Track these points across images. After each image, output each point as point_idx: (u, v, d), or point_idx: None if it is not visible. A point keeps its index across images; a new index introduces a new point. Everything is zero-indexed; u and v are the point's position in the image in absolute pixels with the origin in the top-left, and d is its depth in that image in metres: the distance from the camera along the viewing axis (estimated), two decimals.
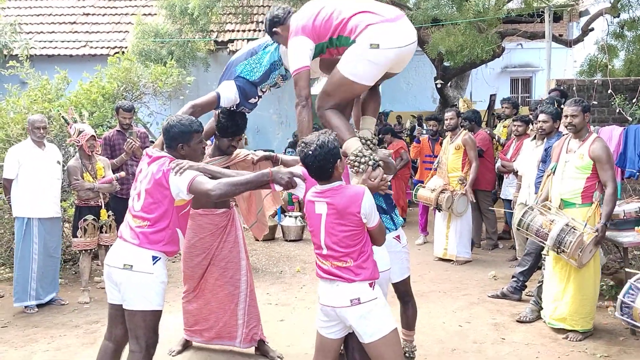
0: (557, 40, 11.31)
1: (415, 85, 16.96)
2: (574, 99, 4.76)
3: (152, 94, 8.05)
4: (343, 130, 3.30)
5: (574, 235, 4.29)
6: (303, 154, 2.92)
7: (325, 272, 2.95)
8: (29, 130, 5.61)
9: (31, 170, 5.51)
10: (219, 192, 3.00)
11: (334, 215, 2.91)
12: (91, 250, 5.81)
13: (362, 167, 3.23)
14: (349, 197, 2.90)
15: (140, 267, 3.06)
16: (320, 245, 2.96)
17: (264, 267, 7.09)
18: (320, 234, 2.95)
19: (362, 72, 3.22)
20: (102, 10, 14.39)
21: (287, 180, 3.08)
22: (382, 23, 3.19)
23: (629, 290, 3.58)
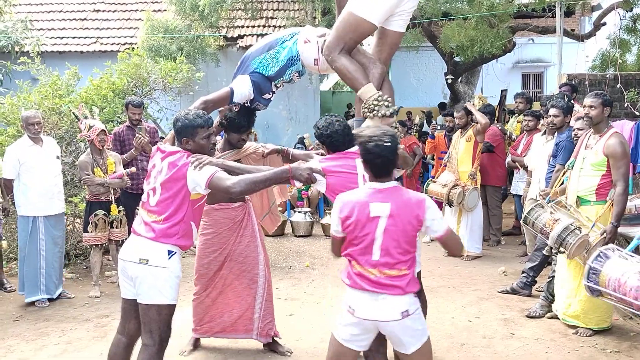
0: (569, 35, 11.22)
1: (425, 81, 16.90)
2: (596, 91, 4.63)
3: (161, 89, 8.08)
4: (358, 75, 3.26)
5: (575, 236, 4.24)
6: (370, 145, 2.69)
7: (371, 282, 2.68)
8: (24, 127, 5.56)
9: (32, 169, 5.47)
10: (239, 188, 3.00)
11: (396, 218, 2.67)
12: (102, 245, 5.84)
13: (382, 111, 3.19)
14: (412, 200, 2.72)
15: (156, 262, 3.07)
16: (371, 252, 2.69)
17: (273, 262, 7.10)
18: (376, 238, 2.68)
19: (370, 5, 3.18)
20: (112, 6, 14.45)
21: (306, 177, 3.08)
22: None
23: (597, 258, 3.59)
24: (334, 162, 3.27)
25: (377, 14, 3.21)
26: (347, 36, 3.26)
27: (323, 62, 3.68)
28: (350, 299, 2.76)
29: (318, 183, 3.18)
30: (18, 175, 5.51)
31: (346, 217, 2.73)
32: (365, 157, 2.75)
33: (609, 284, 3.46)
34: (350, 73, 3.26)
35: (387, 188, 2.74)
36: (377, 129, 2.77)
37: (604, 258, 3.53)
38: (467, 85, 13.07)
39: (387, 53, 3.50)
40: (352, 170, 3.23)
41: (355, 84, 3.27)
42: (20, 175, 5.50)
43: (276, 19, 13.20)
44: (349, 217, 2.72)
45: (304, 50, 3.71)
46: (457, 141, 7.11)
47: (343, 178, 3.21)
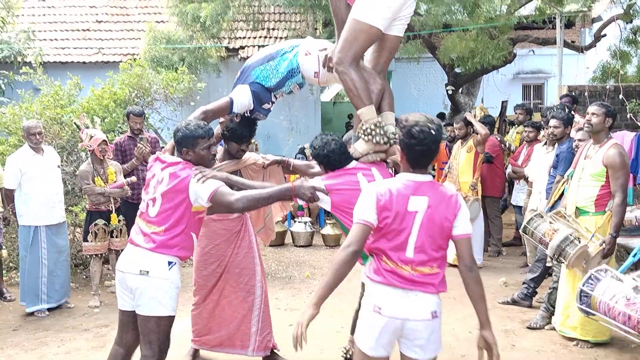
0: (569, 46, 11.26)
1: (426, 92, 16.93)
2: (601, 102, 4.66)
3: (163, 100, 8.11)
4: (363, 94, 3.29)
5: (574, 247, 4.23)
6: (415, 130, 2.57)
7: (404, 279, 2.56)
8: (25, 136, 5.59)
9: (33, 179, 5.49)
10: (242, 205, 2.99)
11: (433, 213, 2.57)
12: (102, 254, 5.83)
13: (376, 138, 3.23)
14: (447, 194, 2.63)
15: (156, 273, 3.06)
16: (405, 247, 2.58)
17: (273, 272, 7.09)
18: (412, 233, 2.57)
19: (373, 11, 3.24)
20: (115, 17, 14.52)
21: (309, 196, 3.08)
22: None
23: (588, 280, 3.58)
24: (336, 180, 3.26)
25: (382, 19, 3.27)
26: (356, 44, 3.29)
27: (323, 75, 3.70)
28: (378, 297, 2.60)
29: (322, 201, 3.17)
30: (19, 185, 5.51)
31: (385, 206, 2.57)
32: (406, 143, 2.60)
33: (599, 307, 3.45)
34: (357, 90, 3.28)
35: (425, 182, 2.62)
36: (423, 115, 2.66)
37: (595, 281, 3.51)
38: (467, 96, 13.10)
39: (387, 57, 3.56)
40: (355, 187, 3.22)
41: (358, 102, 3.30)
42: (21, 184, 5.50)
43: (277, 30, 13.25)
44: (388, 208, 2.57)
45: (305, 63, 3.72)
46: (458, 152, 7.11)
47: (347, 195, 3.19)
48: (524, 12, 11.76)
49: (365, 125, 3.30)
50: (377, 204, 2.59)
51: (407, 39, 11.14)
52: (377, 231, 2.62)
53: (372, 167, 3.36)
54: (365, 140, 3.30)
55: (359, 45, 3.31)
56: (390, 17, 3.32)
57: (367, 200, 2.64)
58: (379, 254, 2.63)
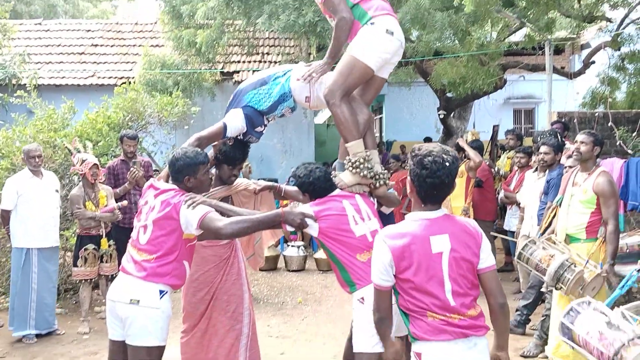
0: (559, 72, 11.42)
1: (418, 116, 17.06)
2: (589, 130, 4.75)
3: (157, 123, 8.13)
4: (353, 127, 3.36)
5: (572, 273, 4.24)
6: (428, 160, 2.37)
7: (459, 327, 2.34)
8: (25, 159, 5.64)
9: (30, 201, 5.51)
10: (230, 230, 2.99)
11: (459, 249, 2.36)
12: (91, 280, 5.79)
13: (364, 172, 3.29)
14: (468, 227, 2.44)
15: (147, 302, 3.03)
16: (443, 296, 2.34)
17: (265, 297, 7.05)
18: (445, 279, 2.34)
19: (372, 53, 3.35)
20: (110, 41, 14.64)
21: (299, 222, 3.09)
22: (394, 17, 3.44)
23: (569, 312, 3.59)
24: (323, 206, 3.27)
25: (377, 62, 3.39)
26: (350, 79, 3.38)
27: (314, 99, 3.74)
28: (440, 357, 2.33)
29: (310, 228, 3.18)
30: (16, 207, 5.53)
31: (402, 256, 2.35)
32: (417, 174, 2.38)
33: (579, 340, 3.45)
34: (348, 123, 3.36)
35: (439, 217, 2.40)
36: (438, 145, 2.47)
37: (575, 313, 3.52)
38: (459, 120, 13.22)
39: (372, 95, 3.66)
40: (342, 212, 3.25)
41: (348, 135, 3.38)
42: (17, 206, 5.54)
43: (272, 55, 13.39)
44: (406, 258, 2.34)
45: (296, 88, 3.76)
46: None
47: (334, 220, 3.22)
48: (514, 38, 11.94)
49: (353, 158, 3.36)
50: (392, 259, 2.37)
51: (399, 64, 11.26)
52: (404, 282, 2.39)
53: (355, 195, 3.40)
54: (352, 172, 3.36)
55: (352, 82, 3.40)
56: (384, 62, 3.44)
57: (378, 258, 2.42)
58: (420, 310, 2.38)
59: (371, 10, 3.39)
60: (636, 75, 10.37)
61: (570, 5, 9.34)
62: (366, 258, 3.18)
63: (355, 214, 3.27)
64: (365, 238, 3.22)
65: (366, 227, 3.26)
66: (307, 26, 8.67)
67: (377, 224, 3.33)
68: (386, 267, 2.38)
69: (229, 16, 10.46)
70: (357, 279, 3.19)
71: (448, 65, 9.83)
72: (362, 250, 3.20)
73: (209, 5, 9.75)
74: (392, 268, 2.38)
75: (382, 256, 2.39)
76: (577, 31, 10.87)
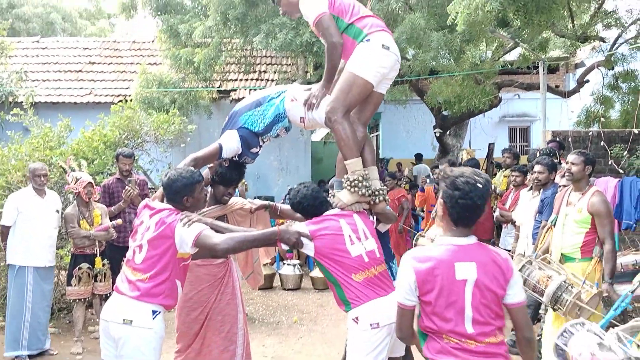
0: (553, 91, 11.52)
1: (414, 133, 17.14)
2: (580, 150, 4.77)
3: (153, 141, 8.14)
4: (354, 145, 3.40)
5: (571, 294, 4.23)
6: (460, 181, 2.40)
7: (472, 352, 2.35)
8: (30, 177, 5.66)
9: (29, 219, 5.52)
10: (225, 246, 3.00)
11: (484, 280, 2.36)
12: (85, 299, 5.75)
13: (362, 190, 3.31)
14: (498, 258, 2.42)
15: (140, 322, 3.03)
16: (462, 322, 2.36)
17: (261, 317, 7.01)
18: (466, 307, 2.35)
19: (370, 68, 3.40)
20: (108, 59, 14.72)
21: (294, 241, 3.10)
22: (389, 32, 3.53)
23: (562, 333, 3.58)
24: (319, 225, 3.28)
25: (376, 76, 3.45)
26: (350, 96, 3.42)
27: (309, 119, 3.77)
28: None
29: (306, 247, 3.19)
30: (15, 224, 5.53)
31: (426, 280, 2.37)
32: (450, 195, 2.40)
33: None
34: (349, 141, 3.39)
35: (470, 244, 2.42)
36: (469, 168, 2.50)
37: (569, 334, 3.51)
38: (455, 138, 13.30)
39: (370, 112, 3.70)
40: (338, 232, 3.26)
41: (348, 153, 3.40)
42: (17, 223, 5.54)
43: (268, 73, 13.47)
44: (429, 281, 2.37)
45: (291, 108, 3.79)
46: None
47: (330, 240, 3.22)
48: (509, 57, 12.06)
49: (352, 177, 3.37)
50: (416, 281, 2.40)
51: (395, 83, 11.36)
52: (426, 305, 2.41)
53: (353, 213, 3.39)
54: (350, 191, 3.37)
55: (353, 98, 3.44)
56: (382, 77, 3.49)
57: (404, 279, 2.44)
58: (438, 332, 2.41)
59: (366, 28, 3.46)
60: (630, 94, 10.47)
61: (564, 26, 9.45)
62: (361, 278, 3.19)
63: (352, 233, 3.26)
64: (361, 258, 3.23)
65: (362, 247, 3.26)
66: (303, 46, 8.75)
67: (374, 244, 3.33)
68: (410, 287, 2.42)
69: (227, 35, 10.55)
70: (352, 298, 3.19)
71: (443, 84, 9.92)
72: (357, 270, 3.20)
73: (206, 24, 9.83)
74: (416, 290, 2.41)
75: (407, 277, 2.42)
76: (571, 50, 11.00)
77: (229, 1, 9.23)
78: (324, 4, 3.49)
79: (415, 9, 8.41)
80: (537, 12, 6.59)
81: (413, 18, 8.20)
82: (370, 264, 3.24)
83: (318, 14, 3.47)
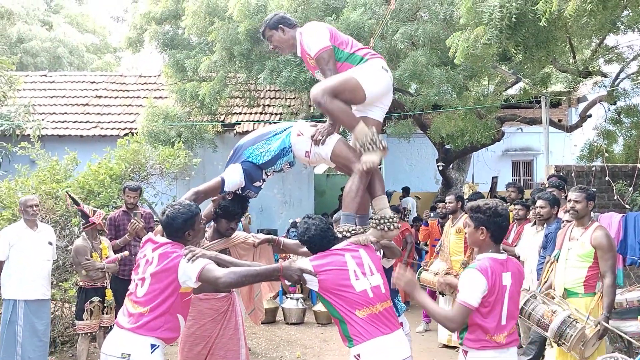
0: (556, 125, 11.60)
1: (418, 167, 17.20)
2: (580, 186, 4.81)
3: (158, 174, 8.21)
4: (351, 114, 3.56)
5: (575, 329, 4.21)
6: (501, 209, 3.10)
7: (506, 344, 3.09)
8: (21, 210, 5.64)
9: (21, 252, 5.50)
10: (228, 280, 3.02)
11: (515, 285, 3.11)
12: (92, 333, 5.72)
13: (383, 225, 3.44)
14: (519, 268, 3.23)
15: (138, 356, 3.03)
16: (500, 318, 3.06)
17: (263, 351, 6.95)
18: (504, 305, 3.06)
19: (367, 78, 3.53)
20: (114, 92, 14.92)
21: (296, 278, 3.12)
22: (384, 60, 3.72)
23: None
24: (323, 260, 3.27)
25: (371, 89, 3.56)
26: (341, 87, 3.51)
27: (313, 155, 3.81)
28: None
29: (310, 282, 3.18)
30: (8, 258, 5.52)
31: (491, 288, 3.01)
32: (495, 221, 3.09)
33: None
34: (347, 112, 3.53)
35: (505, 258, 3.13)
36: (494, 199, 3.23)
37: None
38: (458, 172, 13.33)
39: None
40: (343, 267, 3.24)
41: (352, 122, 3.53)
42: (9, 257, 5.52)
43: (272, 107, 13.63)
44: (492, 289, 3.02)
45: (297, 143, 3.83)
46: (448, 230, 7.15)
47: (334, 275, 3.21)
48: (511, 91, 12.19)
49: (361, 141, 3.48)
50: (487, 288, 3.00)
51: (399, 117, 11.47)
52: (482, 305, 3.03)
53: (359, 248, 3.38)
54: (377, 229, 3.48)
55: (342, 90, 3.51)
56: (375, 97, 3.63)
57: (477, 283, 3.02)
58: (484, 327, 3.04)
59: (367, 55, 3.64)
60: (632, 128, 10.53)
61: (566, 61, 9.58)
62: (365, 314, 3.17)
63: (357, 268, 3.25)
64: (366, 293, 3.21)
65: (367, 282, 3.24)
66: (307, 82, 8.88)
67: (380, 279, 3.30)
68: (482, 292, 3.01)
69: (231, 70, 10.72)
70: (355, 335, 3.17)
71: (446, 119, 10.00)
72: (361, 306, 3.18)
73: (212, 59, 10.00)
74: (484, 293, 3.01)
75: (480, 284, 3.02)
76: (573, 85, 11.11)
77: (234, 37, 9.40)
78: (326, 38, 3.60)
79: (418, 45, 8.54)
80: (537, 47, 6.67)
81: (415, 55, 8.33)
82: (375, 300, 3.22)
83: (321, 48, 3.57)
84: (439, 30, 8.09)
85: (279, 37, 3.80)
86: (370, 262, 3.34)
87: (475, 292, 3.00)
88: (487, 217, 3.10)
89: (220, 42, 9.68)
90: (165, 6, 11.34)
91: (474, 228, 3.16)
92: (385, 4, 8.48)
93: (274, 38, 3.82)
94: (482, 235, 3.14)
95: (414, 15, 8.69)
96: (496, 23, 5.51)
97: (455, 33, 6.30)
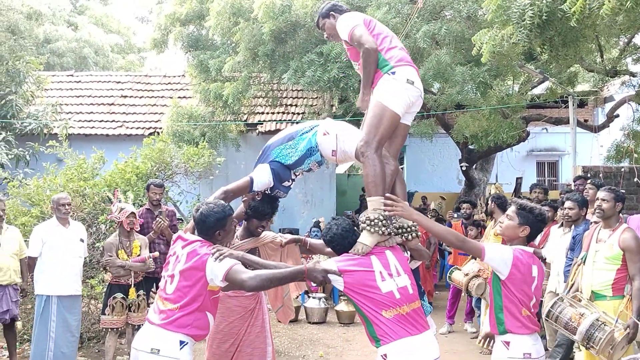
0: (583, 125, 11.43)
1: (440, 167, 17.10)
2: (610, 186, 4.74)
3: (183, 173, 8.29)
4: (380, 183, 3.37)
5: (604, 332, 4.14)
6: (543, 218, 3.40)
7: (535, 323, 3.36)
8: (54, 208, 5.76)
9: (54, 249, 5.61)
10: (254, 283, 3.04)
11: (540, 277, 3.40)
12: (118, 329, 5.80)
13: (382, 230, 3.26)
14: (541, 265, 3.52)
15: (167, 352, 3.06)
16: (529, 302, 3.34)
17: (286, 350, 6.97)
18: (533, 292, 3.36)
19: (396, 100, 3.45)
20: (140, 92, 15.09)
21: (321, 279, 3.12)
22: (414, 67, 3.59)
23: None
24: (349, 262, 3.25)
25: (402, 107, 3.49)
26: (381, 128, 3.43)
27: (340, 153, 3.80)
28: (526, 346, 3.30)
29: (335, 282, 3.18)
30: (40, 254, 5.64)
31: (517, 265, 3.28)
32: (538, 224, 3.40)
33: None
34: (377, 178, 3.35)
35: (532, 252, 3.43)
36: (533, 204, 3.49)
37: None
38: (481, 172, 13.21)
39: (399, 144, 3.72)
40: (369, 268, 3.22)
41: (373, 190, 3.35)
42: (42, 254, 5.64)
43: (295, 107, 13.66)
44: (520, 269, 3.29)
45: (323, 142, 3.82)
46: (488, 232, 7.02)
47: (359, 276, 3.19)
48: (536, 91, 12.03)
49: (372, 215, 3.28)
50: (512, 260, 3.25)
51: (421, 117, 11.40)
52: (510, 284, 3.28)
53: (385, 250, 3.35)
54: (370, 231, 3.27)
55: (385, 131, 3.44)
56: (407, 107, 3.53)
57: (504, 250, 3.34)
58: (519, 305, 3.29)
59: (392, 60, 3.50)
60: None
61: (593, 60, 9.42)
62: (392, 315, 3.16)
63: (383, 269, 3.23)
64: (392, 294, 3.19)
65: (394, 283, 3.21)
66: (331, 82, 8.88)
67: (407, 280, 3.28)
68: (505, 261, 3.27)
69: (255, 70, 10.77)
70: (382, 335, 3.16)
71: (470, 118, 9.90)
72: (388, 307, 3.17)
73: (236, 60, 10.06)
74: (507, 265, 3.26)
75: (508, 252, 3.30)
76: (601, 85, 10.94)
77: (258, 38, 9.44)
78: (359, 19, 3.59)
79: (442, 44, 8.48)
80: (563, 46, 6.56)
81: (439, 54, 8.27)
82: (402, 301, 3.20)
83: (352, 25, 3.54)
84: (463, 28, 8.02)
85: (330, 24, 3.78)
86: (396, 262, 3.31)
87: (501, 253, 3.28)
88: (534, 218, 3.36)
89: (244, 43, 9.73)
90: (190, 7, 11.44)
91: (517, 224, 3.39)
92: (410, 3, 8.44)
93: (326, 26, 3.81)
94: (523, 233, 3.39)
95: (437, 14, 8.63)
96: (527, 22, 5.43)
97: (481, 30, 6.23)
